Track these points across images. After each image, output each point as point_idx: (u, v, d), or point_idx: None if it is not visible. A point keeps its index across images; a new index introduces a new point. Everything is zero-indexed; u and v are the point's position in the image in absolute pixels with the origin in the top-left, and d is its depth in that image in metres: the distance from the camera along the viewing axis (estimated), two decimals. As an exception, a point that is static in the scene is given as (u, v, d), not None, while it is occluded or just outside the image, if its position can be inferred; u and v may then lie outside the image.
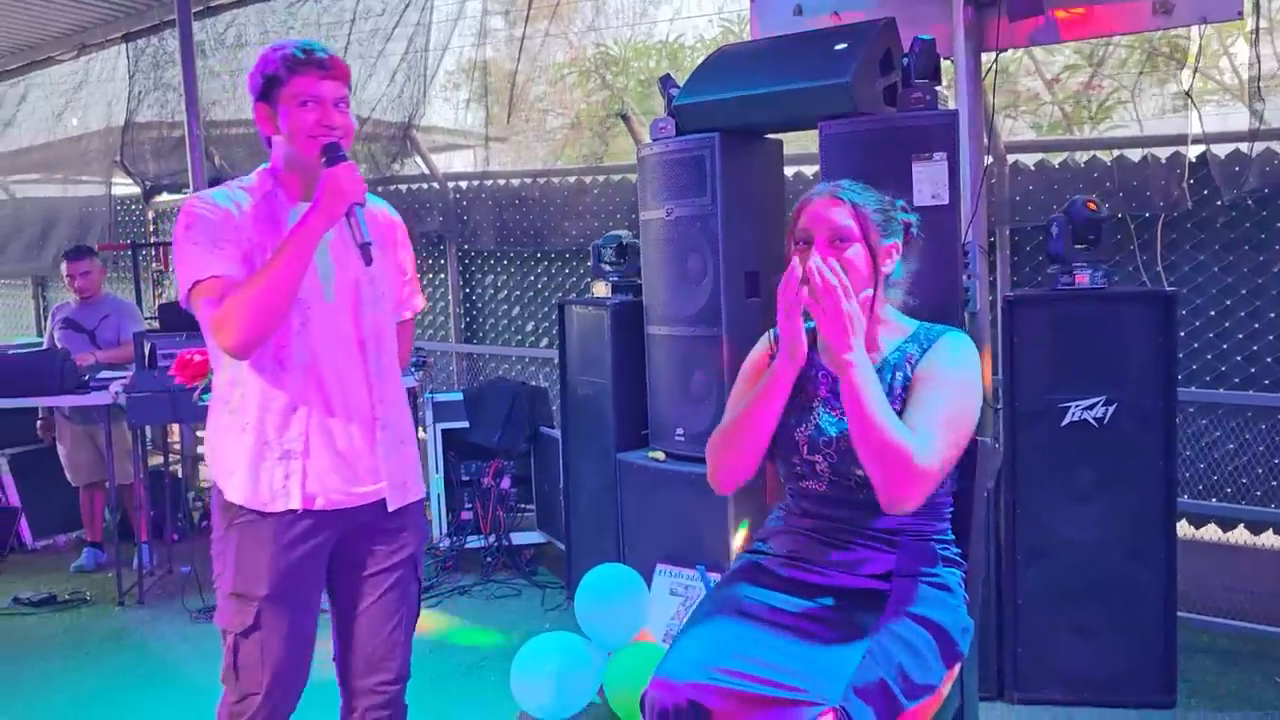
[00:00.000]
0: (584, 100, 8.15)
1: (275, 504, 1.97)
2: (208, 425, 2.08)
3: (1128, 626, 3.07)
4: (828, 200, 1.88)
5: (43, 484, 5.28)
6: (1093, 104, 7.87)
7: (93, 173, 7.70)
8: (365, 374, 2.07)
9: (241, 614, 1.98)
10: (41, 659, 3.85)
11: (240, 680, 2.02)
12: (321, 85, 1.95)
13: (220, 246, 1.93)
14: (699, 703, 1.61)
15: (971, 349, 1.87)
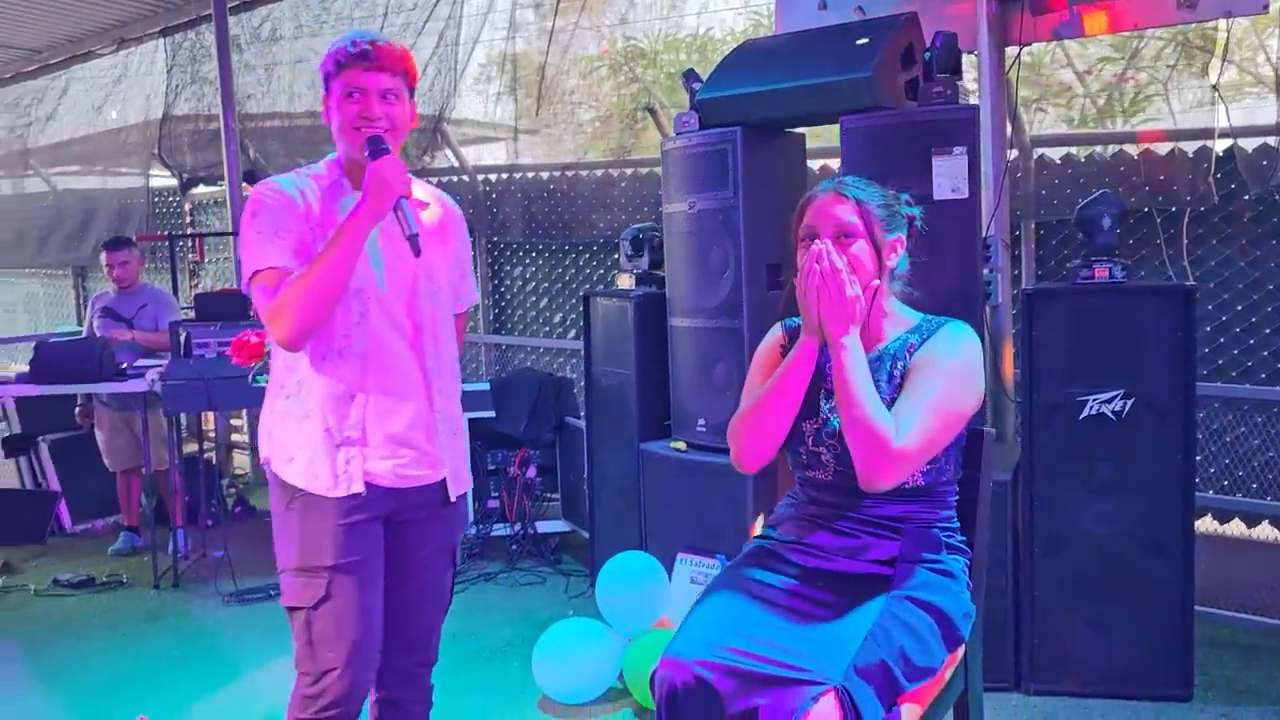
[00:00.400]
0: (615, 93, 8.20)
1: (337, 489, 1.99)
2: (264, 409, 2.11)
3: (1145, 619, 3.08)
4: (832, 197, 1.91)
5: (82, 469, 5.41)
6: (1125, 97, 7.80)
7: (131, 165, 7.84)
8: (422, 365, 2.08)
9: (311, 587, 1.98)
10: (80, 639, 3.97)
11: (317, 657, 1.99)
12: (365, 77, 1.96)
13: (281, 237, 1.96)
14: (706, 680, 1.66)
15: (971, 339, 1.90)
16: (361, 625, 2.01)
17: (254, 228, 1.96)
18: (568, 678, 3.19)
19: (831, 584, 1.83)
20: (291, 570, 2.01)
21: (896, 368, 1.89)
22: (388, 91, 1.99)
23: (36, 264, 8.89)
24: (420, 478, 2.08)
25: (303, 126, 6.74)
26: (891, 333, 1.94)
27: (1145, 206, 4.16)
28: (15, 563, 4.88)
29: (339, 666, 1.98)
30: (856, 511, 1.88)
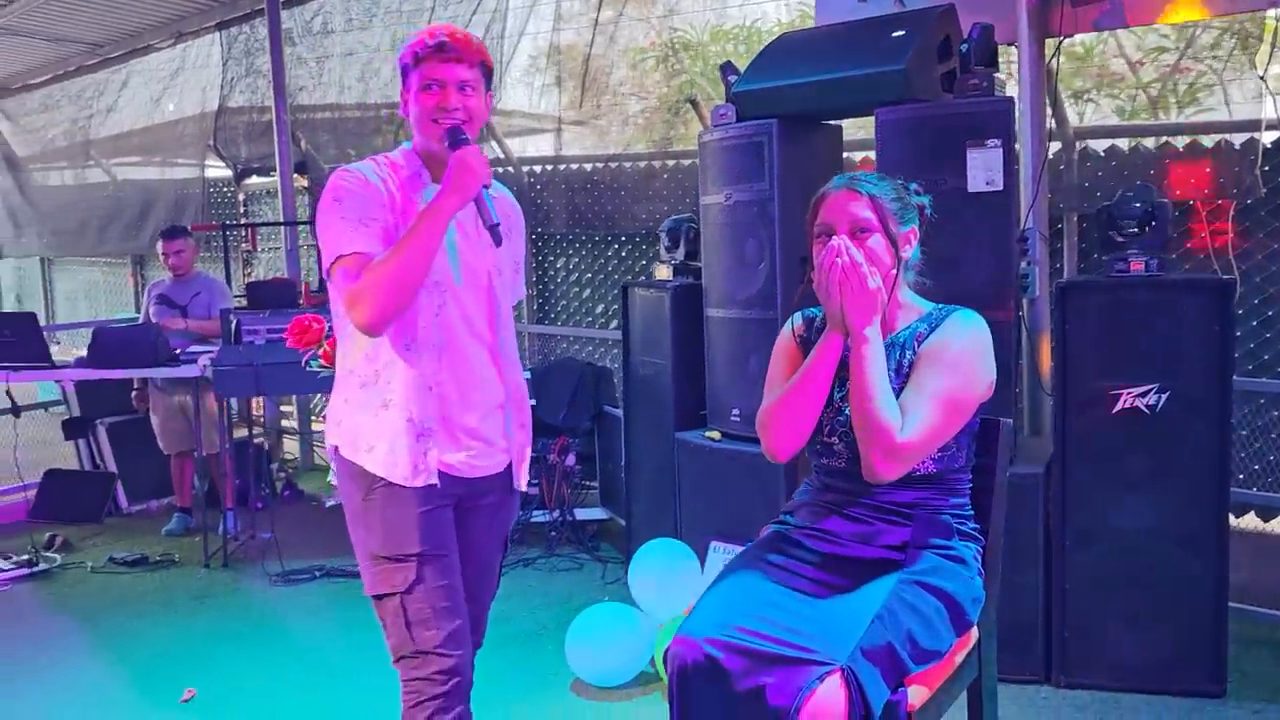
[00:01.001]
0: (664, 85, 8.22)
1: (417, 479, 2.00)
2: (335, 397, 2.11)
3: (1177, 615, 3.06)
4: (846, 194, 1.93)
5: (138, 452, 5.58)
6: (1179, 87, 7.67)
7: (188, 156, 8.03)
8: (494, 357, 2.11)
9: (401, 572, 1.99)
10: (132, 615, 4.11)
11: (417, 638, 1.99)
12: (443, 69, 1.98)
13: (366, 224, 1.95)
14: (715, 659, 1.70)
15: (977, 326, 1.92)
16: (454, 603, 2.03)
17: (337, 213, 1.95)
18: (600, 661, 3.25)
19: (843, 568, 1.86)
20: (378, 558, 2.01)
21: (905, 357, 1.91)
22: (465, 83, 1.99)
23: (97, 253, 9.13)
24: (487, 468, 2.12)
25: (352, 118, 6.87)
26: (903, 322, 1.97)
27: (1191, 199, 4.11)
28: (74, 541, 5.05)
29: (440, 641, 1.99)
30: (869, 498, 1.91)
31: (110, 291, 9.55)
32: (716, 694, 1.69)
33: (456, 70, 1.99)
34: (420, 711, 1.99)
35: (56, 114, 9.03)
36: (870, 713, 1.61)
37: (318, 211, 2.01)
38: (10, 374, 4.57)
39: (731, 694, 1.67)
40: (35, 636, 3.92)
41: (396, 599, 2.00)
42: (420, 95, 2.00)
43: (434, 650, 1.98)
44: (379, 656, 3.38)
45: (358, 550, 2.07)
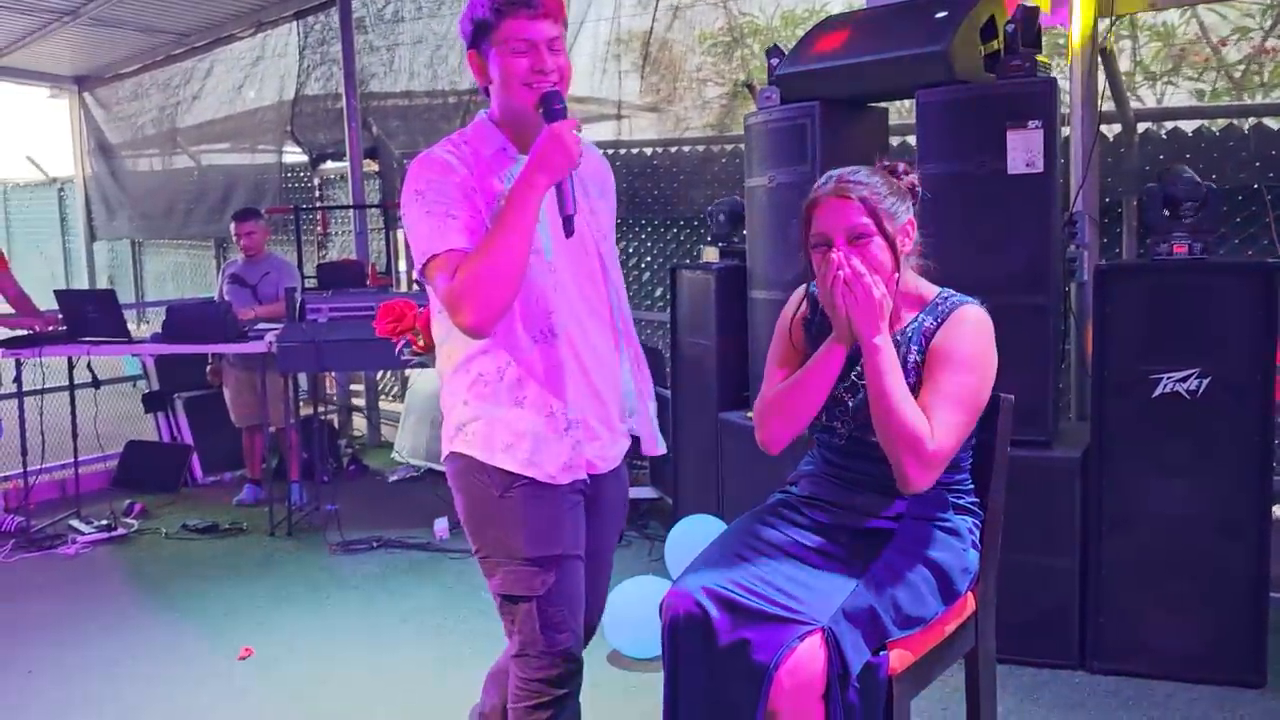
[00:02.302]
0: (740, 70, 8.22)
1: (563, 476, 1.88)
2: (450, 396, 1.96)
3: (1216, 603, 3.02)
4: (836, 201, 1.88)
5: (212, 425, 5.84)
6: (1265, 70, 7.41)
7: (267, 142, 8.29)
8: (614, 333, 2.00)
9: (541, 576, 1.88)
10: (199, 578, 4.32)
11: (547, 642, 1.89)
12: (533, 26, 1.79)
13: (454, 216, 1.80)
14: (704, 610, 1.77)
15: (982, 321, 1.90)
16: (581, 602, 1.96)
17: (422, 208, 1.81)
18: (635, 633, 3.33)
19: (838, 537, 1.90)
20: (517, 559, 1.88)
21: (913, 353, 1.90)
22: (554, 40, 1.82)
23: (183, 235, 9.48)
24: (615, 458, 2.02)
25: (421, 105, 7.03)
26: (908, 313, 1.95)
27: (1254, 183, 4.01)
28: (151, 509, 5.31)
29: (571, 644, 1.91)
30: (868, 475, 1.94)
31: (195, 273, 9.92)
32: (703, 645, 1.76)
33: (544, 26, 1.80)
34: (540, 712, 1.90)
35: (145, 102, 9.38)
36: (848, 672, 1.65)
37: (402, 206, 1.88)
38: (91, 348, 4.82)
39: (716, 646, 1.73)
40: (110, 595, 4.15)
41: (533, 603, 1.88)
42: (508, 58, 1.81)
43: (562, 652, 1.90)
44: (427, 623, 3.52)
45: (485, 547, 1.93)
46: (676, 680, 1.81)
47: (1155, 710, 2.92)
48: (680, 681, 1.80)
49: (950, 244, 2.84)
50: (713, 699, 1.75)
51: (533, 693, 1.90)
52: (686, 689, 1.79)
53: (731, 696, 1.70)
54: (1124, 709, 2.93)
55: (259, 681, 3.31)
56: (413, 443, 5.97)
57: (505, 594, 1.91)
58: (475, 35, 1.85)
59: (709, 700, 1.75)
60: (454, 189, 1.82)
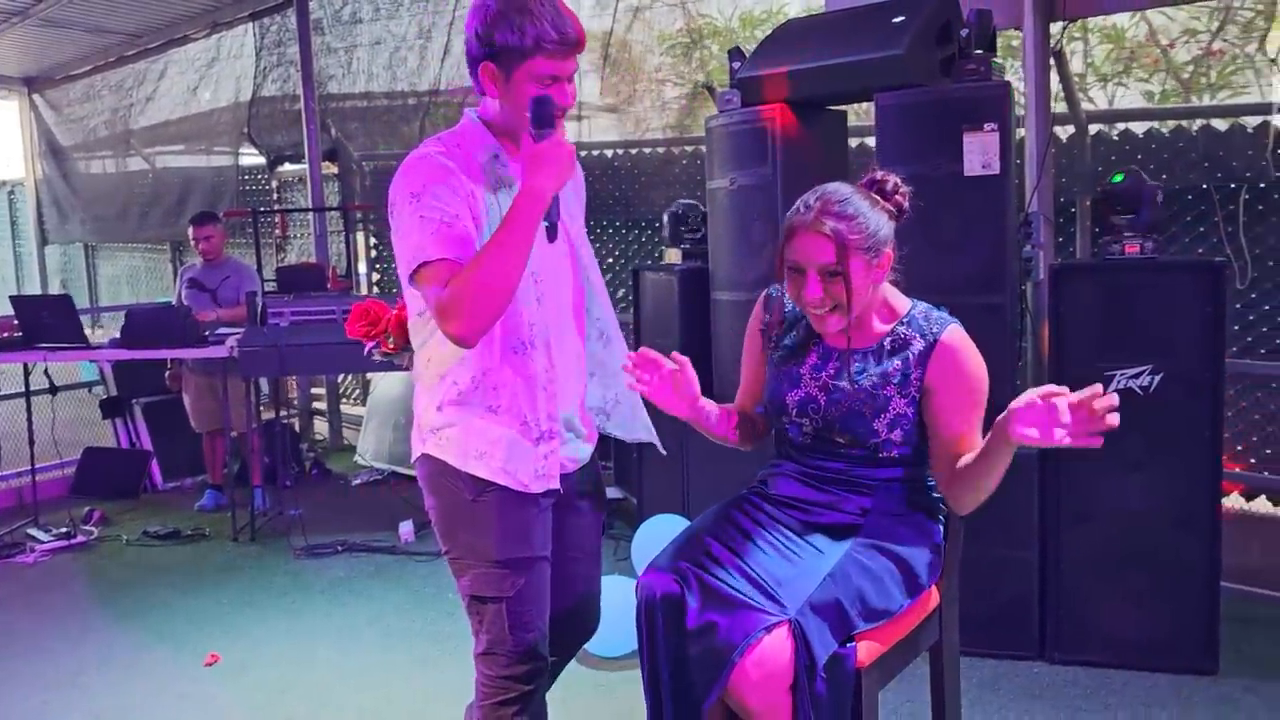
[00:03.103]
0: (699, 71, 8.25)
1: (536, 485, 1.90)
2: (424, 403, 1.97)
3: (1170, 593, 3.10)
4: (812, 235, 1.88)
5: (172, 431, 5.78)
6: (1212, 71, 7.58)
7: (223, 144, 8.21)
8: (581, 331, 2.02)
9: (511, 578, 1.90)
10: (163, 585, 4.28)
11: (517, 639, 1.92)
12: (565, 65, 1.81)
13: (449, 224, 1.78)
14: (678, 592, 1.81)
15: (968, 342, 1.95)
16: (548, 602, 1.98)
17: (416, 211, 1.78)
18: (604, 632, 3.34)
19: (805, 532, 1.95)
20: (489, 562, 1.90)
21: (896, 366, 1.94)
22: (574, 72, 1.84)
23: (138, 238, 9.36)
24: (582, 458, 2.05)
25: (380, 106, 7.00)
26: (881, 325, 2.00)
27: (1203, 183, 4.12)
28: (110, 515, 5.24)
29: (537, 642, 1.94)
30: (835, 474, 1.99)
31: (151, 276, 9.80)
32: (675, 626, 1.80)
33: (573, 63, 1.82)
34: (504, 709, 1.93)
35: (98, 104, 9.26)
36: (815, 664, 1.69)
37: (392, 206, 1.84)
38: (47, 354, 4.75)
39: (686, 627, 1.77)
40: (71, 604, 4.10)
41: (502, 604, 1.91)
42: (531, 88, 1.80)
43: (529, 650, 1.93)
44: (395, 626, 3.52)
45: (456, 549, 1.96)
46: (655, 659, 1.85)
47: (1113, 698, 2.99)
48: (658, 659, 1.84)
49: (909, 245, 2.89)
50: (679, 679, 1.78)
51: (500, 689, 1.93)
52: (664, 665, 1.83)
53: (693, 676, 1.74)
54: (1083, 698, 3.00)
55: (227, 687, 3.29)
56: (376, 446, 5.95)
57: (475, 594, 1.94)
58: (500, 52, 1.81)
59: (675, 680, 1.79)
60: (450, 194, 1.81)
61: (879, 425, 1.93)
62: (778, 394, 2.04)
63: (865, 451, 1.96)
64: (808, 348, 2.03)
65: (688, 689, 1.76)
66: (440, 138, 1.90)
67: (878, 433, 1.93)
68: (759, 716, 1.72)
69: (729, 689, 1.72)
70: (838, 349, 1.99)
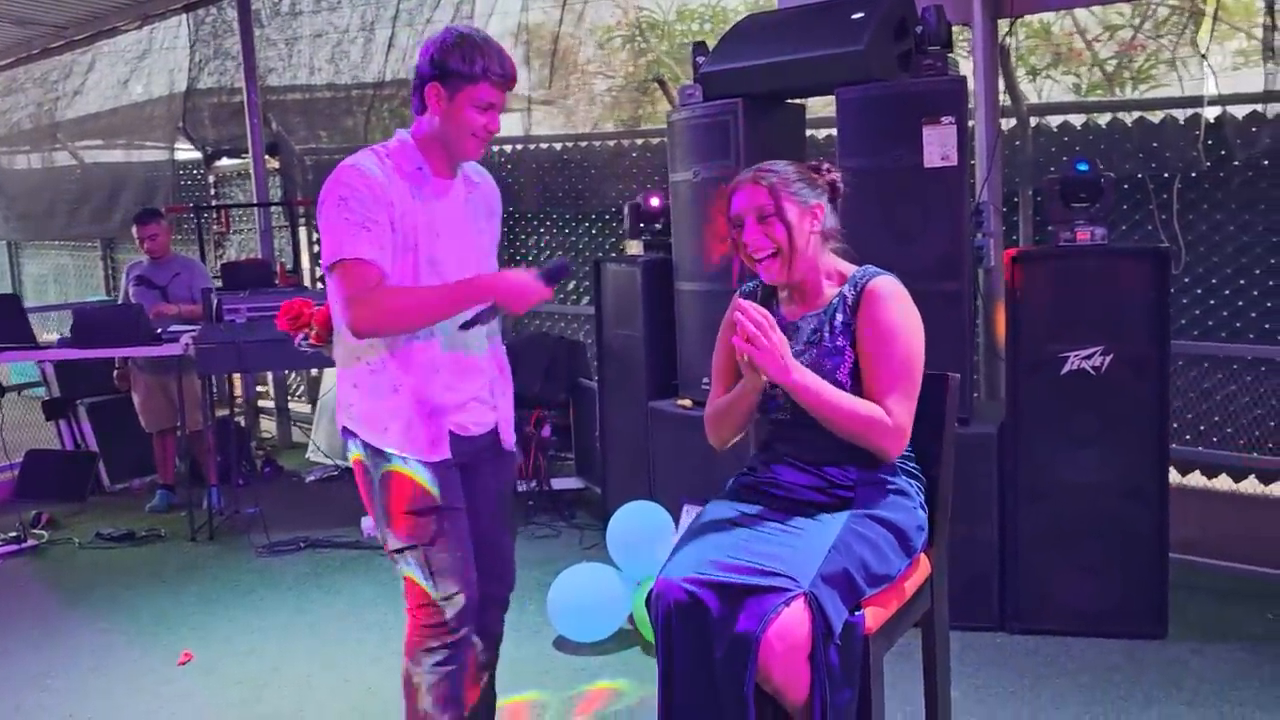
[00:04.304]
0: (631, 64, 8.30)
1: (432, 454, 2.19)
2: (342, 381, 2.25)
3: (1123, 563, 3.27)
4: (749, 186, 2.10)
5: (119, 431, 5.67)
6: (1135, 64, 7.88)
7: (157, 139, 8.03)
8: (485, 334, 2.30)
9: (423, 525, 2.17)
10: (123, 587, 4.22)
11: (440, 586, 2.17)
12: (500, 94, 2.14)
13: (368, 227, 2.06)
14: (694, 595, 1.87)
15: (898, 290, 2.09)
16: (469, 556, 2.22)
17: (341, 213, 2.06)
18: (581, 618, 3.41)
19: (800, 509, 2.04)
20: (400, 514, 2.17)
21: (837, 321, 2.08)
22: (503, 107, 2.17)
23: (66, 236, 9.11)
24: (483, 426, 2.31)
25: (323, 99, 6.93)
26: (831, 289, 2.14)
27: (1138, 173, 4.30)
28: (58, 518, 5.14)
29: (461, 588, 2.18)
30: (817, 447, 2.08)
31: (80, 275, 9.55)
32: (696, 627, 1.86)
33: (505, 96, 2.16)
34: (435, 655, 2.18)
35: (21, 97, 8.98)
36: (831, 631, 1.78)
37: (321, 204, 2.11)
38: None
39: (707, 626, 1.83)
40: (29, 608, 4.03)
41: (420, 551, 2.17)
42: (470, 111, 2.11)
43: (452, 596, 2.17)
44: (366, 617, 3.55)
45: (378, 517, 2.23)
46: (671, 665, 1.90)
47: (1071, 664, 3.14)
48: (675, 665, 1.89)
49: (869, 234, 3.01)
50: (707, 677, 1.84)
51: (427, 638, 2.19)
52: (681, 672, 1.89)
53: (724, 669, 1.80)
54: (1043, 665, 3.15)
55: (203, 685, 3.27)
56: (329, 442, 5.92)
57: (395, 548, 2.21)
58: (450, 76, 2.11)
59: (705, 679, 1.85)
60: (373, 201, 2.08)
61: (842, 376, 2.05)
62: None
63: None
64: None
65: (725, 682, 1.81)
66: (373, 149, 2.17)
67: (843, 384, 2.05)
68: (782, 687, 1.81)
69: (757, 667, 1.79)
70: (794, 321, 2.15)
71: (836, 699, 1.78)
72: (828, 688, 1.78)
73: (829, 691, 1.78)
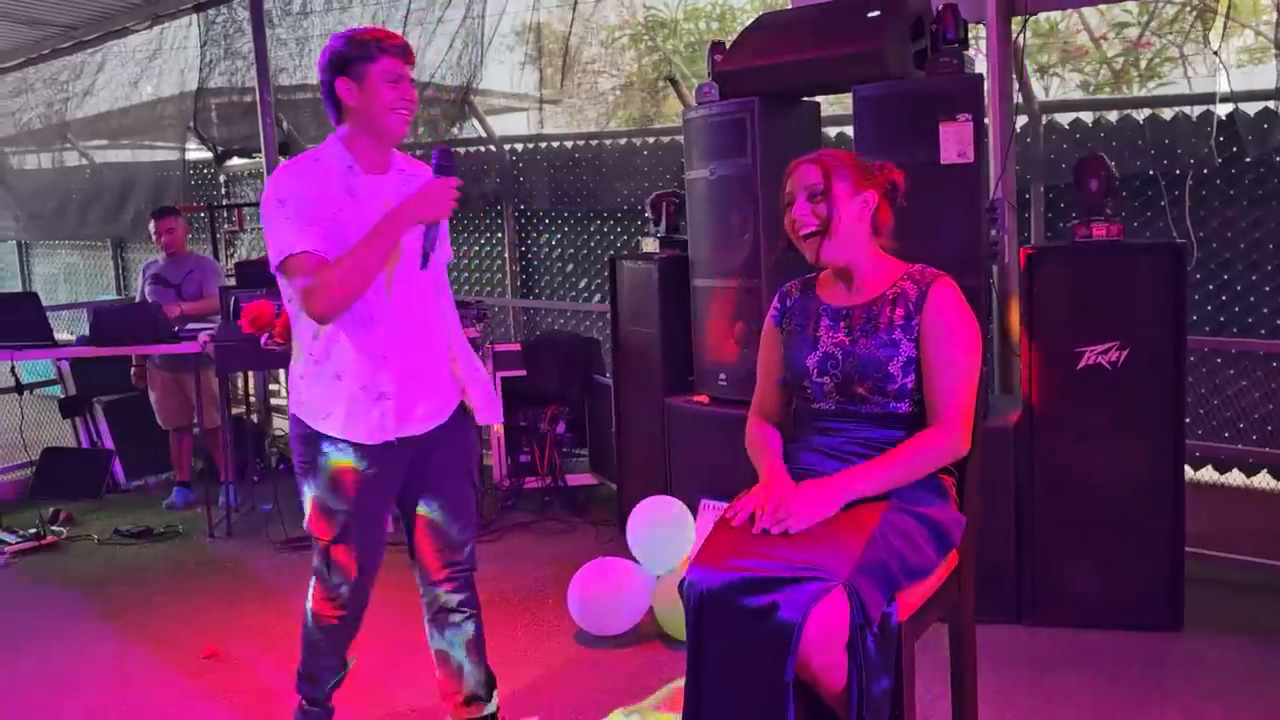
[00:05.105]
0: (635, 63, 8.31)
1: (374, 438, 2.32)
2: (293, 372, 2.40)
3: (1139, 556, 3.29)
4: (806, 165, 2.16)
5: (134, 428, 5.70)
6: (1142, 61, 7.90)
7: (167, 138, 8.06)
8: (442, 321, 2.44)
9: (328, 524, 2.39)
10: (145, 582, 4.26)
11: (332, 577, 2.46)
12: (403, 66, 2.25)
13: (310, 223, 2.21)
14: (729, 583, 1.88)
15: (959, 295, 2.12)
16: (369, 553, 2.44)
17: (282, 214, 2.22)
18: (600, 612, 3.44)
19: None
20: (317, 507, 2.39)
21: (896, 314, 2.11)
22: (411, 79, 2.28)
23: (77, 236, 9.15)
24: (438, 418, 2.43)
25: (335, 99, 6.95)
26: (887, 278, 2.17)
27: (1150, 170, 4.32)
28: (75, 516, 5.16)
29: (348, 588, 2.46)
30: (854, 437, 2.11)
31: (91, 274, 9.59)
32: (730, 616, 1.87)
33: (409, 68, 2.27)
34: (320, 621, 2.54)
35: (31, 97, 9.00)
36: (869, 622, 1.81)
37: (262, 209, 2.27)
38: (14, 353, 4.68)
39: (743, 614, 1.85)
40: (52, 603, 4.06)
41: (323, 544, 2.42)
42: (382, 88, 2.22)
43: (338, 588, 2.46)
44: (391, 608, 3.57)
45: (304, 493, 2.42)
46: (701, 651, 1.92)
47: (1088, 656, 3.17)
48: (705, 652, 1.91)
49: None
50: (738, 665, 1.86)
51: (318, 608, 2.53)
52: (711, 658, 1.90)
53: (760, 657, 1.82)
54: (1060, 657, 3.18)
55: (230, 679, 3.30)
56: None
57: (307, 530, 2.45)
58: (351, 65, 2.23)
59: (736, 666, 1.86)
60: (313, 202, 2.23)
61: (894, 369, 2.08)
62: (798, 359, 2.17)
63: (883, 409, 2.09)
64: (818, 316, 2.19)
65: (755, 671, 1.83)
66: (306, 153, 2.34)
67: (894, 376, 2.08)
68: (819, 675, 1.83)
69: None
70: (843, 307, 2.17)
71: (873, 687, 1.81)
72: (865, 676, 1.80)
73: (866, 680, 1.80)
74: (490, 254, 6.65)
